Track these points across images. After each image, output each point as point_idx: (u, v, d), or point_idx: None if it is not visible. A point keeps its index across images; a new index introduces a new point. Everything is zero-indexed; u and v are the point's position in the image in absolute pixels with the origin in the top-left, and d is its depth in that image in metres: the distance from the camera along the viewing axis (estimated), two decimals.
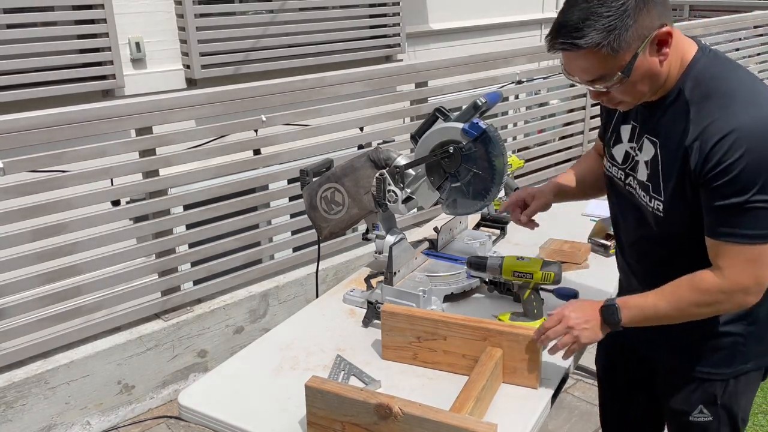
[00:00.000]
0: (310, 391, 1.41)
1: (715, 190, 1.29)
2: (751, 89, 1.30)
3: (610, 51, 1.26)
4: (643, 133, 1.46)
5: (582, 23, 1.25)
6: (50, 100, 4.00)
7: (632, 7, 1.24)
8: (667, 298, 1.41)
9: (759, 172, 1.25)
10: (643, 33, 1.27)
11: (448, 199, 1.94)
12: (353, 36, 5.61)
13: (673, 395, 1.57)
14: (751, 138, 1.24)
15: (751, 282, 1.33)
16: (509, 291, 1.93)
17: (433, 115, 1.92)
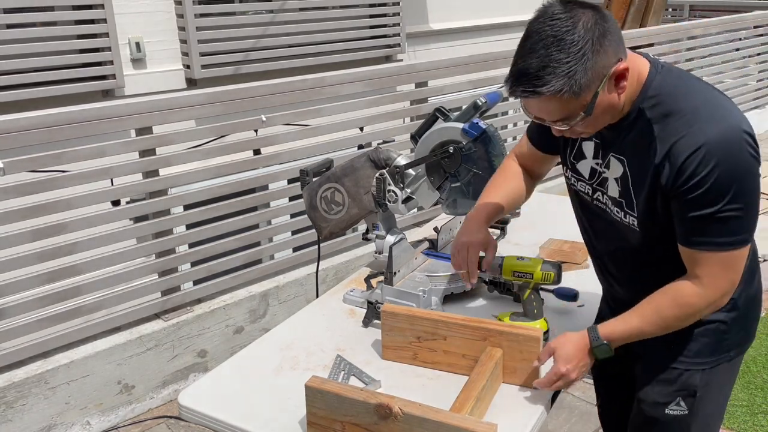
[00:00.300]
0: (310, 391, 1.41)
1: (689, 202, 1.32)
2: (710, 101, 1.34)
3: (572, 95, 1.27)
4: (609, 152, 1.47)
5: (542, 71, 1.26)
6: (50, 100, 4.01)
7: (590, 50, 1.25)
8: (651, 319, 1.44)
9: (730, 182, 1.29)
10: (601, 72, 1.28)
11: (448, 199, 1.94)
12: (353, 36, 5.61)
13: (653, 387, 1.56)
14: (719, 151, 1.28)
15: (728, 285, 1.39)
16: (509, 291, 1.93)
17: (433, 115, 1.92)
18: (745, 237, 1.35)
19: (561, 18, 1.26)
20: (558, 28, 1.25)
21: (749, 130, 1.32)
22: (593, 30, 1.25)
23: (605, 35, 1.27)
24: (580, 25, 1.25)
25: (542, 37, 1.27)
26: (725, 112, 1.33)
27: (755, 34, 6.54)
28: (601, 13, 1.29)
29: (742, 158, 1.29)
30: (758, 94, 6.85)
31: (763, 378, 3.03)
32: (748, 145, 1.30)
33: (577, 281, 1.96)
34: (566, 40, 1.24)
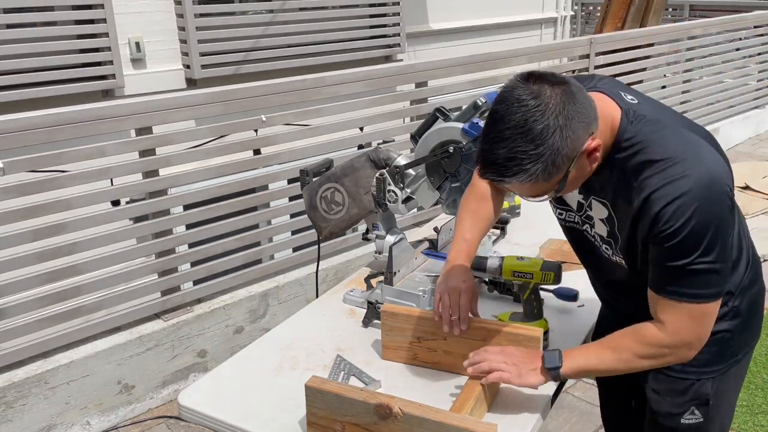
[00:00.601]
0: (310, 391, 1.41)
1: (662, 251, 1.32)
2: (684, 149, 1.30)
3: (542, 180, 1.26)
4: (590, 195, 1.46)
5: (510, 161, 1.23)
6: (50, 100, 4.01)
7: (558, 137, 1.21)
8: (612, 350, 1.42)
9: (703, 235, 1.27)
10: (572, 155, 1.25)
11: (448, 199, 1.94)
12: (353, 36, 5.61)
13: (665, 399, 1.55)
14: (694, 203, 1.26)
15: (694, 338, 1.37)
16: (509, 291, 1.93)
17: (433, 115, 1.92)
18: (715, 291, 1.33)
19: (527, 105, 1.21)
20: (524, 115, 1.21)
21: (725, 176, 1.31)
22: (561, 115, 1.21)
23: (574, 117, 1.22)
24: (548, 112, 1.20)
25: (508, 125, 1.22)
26: (700, 160, 1.29)
27: (755, 34, 6.55)
28: (569, 90, 1.23)
29: (716, 211, 1.28)
30: (758, 94, 6.85)
31: (763, 378, 3.03)
32: (724, 195, 1.29)
33: (577, 281, 1.95)
34: (533, 130, 1.20)
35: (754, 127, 6.88)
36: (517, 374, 1.45)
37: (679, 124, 1.37)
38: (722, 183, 1.29)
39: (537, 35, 7.57)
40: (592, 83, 1.44)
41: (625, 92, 1.40)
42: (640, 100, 1.39)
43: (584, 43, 4.73)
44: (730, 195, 1.31)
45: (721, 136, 6.31)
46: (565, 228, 1.63)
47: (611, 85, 1.42)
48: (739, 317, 1.49)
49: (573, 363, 1.43)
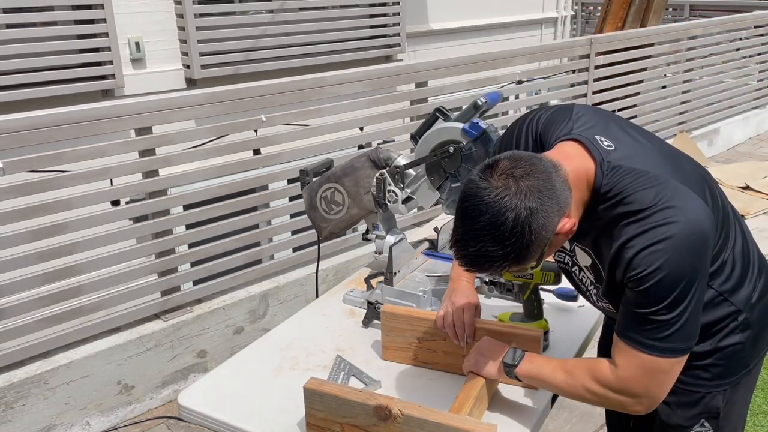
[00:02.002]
0: (309, 393, 1.41)
1: (630, 294, 1.29)
2: (661, 199, 1.27)
3: (515, 267, 1.28)
4: (574, 241, 1.45)
5: (480, 259, 1.25)
6: (50, 100, 4.00)
7: (528, 233, 1.21)
8: (566, 373, 1.41)
9: (670, 288, 1.24)
10: (545, 242, 1.25)
11: (448, 199, 1.94)
12: (353, 36, 5.61)
13: (675, 411, 1.53)
14: (665, 255, 1.23)
15: (641, 390, 1.32)
16: (509, 291, 1.93)
17: (433, 115, 1.92)
18: (674, 347, 1.29)
19: (492, 206, 1.21)
20: (492, 216, 1.21)
21: (709, 229, 1.27)
22: (528, 211, 1.20)
23: (543, 209, 1.21)
24: (518, 209, 1.20)
25: (476, 226, 1.23)
26: (680, 209, 1.26)
27: (755, 34, 6.55)
28: (537, 177, 1.22)
29: (691, 264, 1.25)
30: (758, 94, 6.85)
31: (763, 378, 3.03)
32: (703, 250, 1.26)
33: None
34: (501, 231, 1.21)
35: (754, 127, 6.88)
36: (474, 363, 1.50)
37: (663, 169, 1.33)
38: (702, 235, 1.26)
39: (537, 35, 7.57)
40: (569, 126, 1.41)
41: (601, 134, 1.37)
42: (617, 145, 1.35)
43: (584, 43, 4.73)
44: (707, 243, 1.27)
45: (721, 136, 6.32)
46: (559, 267, 1.63)
47: (589, 126, 1.39)
48: (750, 329, 1.46)
49: (529, 367, 1.45)
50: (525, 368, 1.45)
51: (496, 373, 1.48)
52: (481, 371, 1.50)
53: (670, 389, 1.34)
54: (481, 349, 1.52)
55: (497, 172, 1.23)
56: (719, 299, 1.42)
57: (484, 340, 1.54)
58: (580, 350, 1.77)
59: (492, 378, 1.49)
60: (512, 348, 1.49)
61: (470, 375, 1.51)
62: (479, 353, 1.52)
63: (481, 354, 1.51)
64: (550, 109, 1.50)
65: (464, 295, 1.66)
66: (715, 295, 1.41)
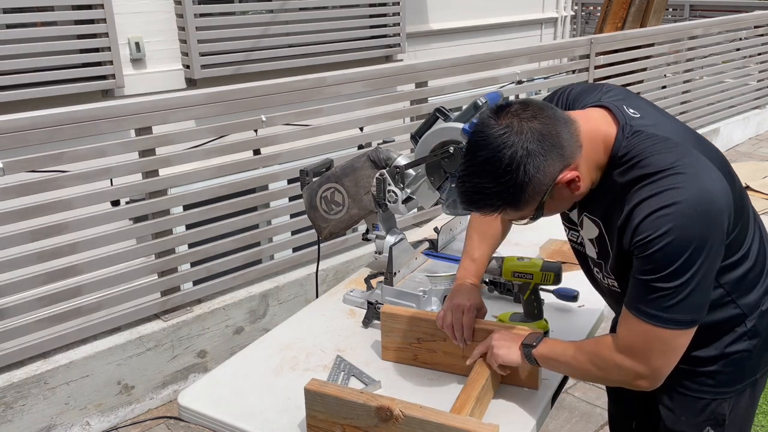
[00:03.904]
0: (310, 394, 1.41)
1: (636, 262, 1.28)
2: (681, 163, 1.26)
3: (512, 211, 1.30)
4: (582, 211, 1.44)
5: (475, 196, 1.28)
6: (50, 100, 4.00)
7: (522, 174, 1.23)
8: (575, 348, 1.42)
9: (676, 255, 1.22)
10: (542, 188, 1.26)
11: (448, 199, 1.94)
12: (353, 36, 5.61)
13: (679, 417, 1.52)
14: (675, 219, 1.21)
15: (643, 362, 1.31)
16: (509, 291, 1.93)
17: (433, 115, 1.92)
18: (678, 318, 1.26)
19: (493, 141, 1.23)
20: (490, 152, 1.24)
21: (722, 200, 1.25)
22: (527, 151, 1.22)
23: (543, 152, 1.23)
24: (513, 149, 1.22)
25: (476, 161, 1.26)
26: (696, 176, 1.24)
27: (756, 34, 6.55)
28: (541, 123, 1.24)
29: (700, 232, 1.21)
30: (758, 94, 6.85)
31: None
32: (713, 218, 1.23)
33: (577, 281, 1.95)
34: (497, 168, 1.23)
35: (754, 127, 6.88)
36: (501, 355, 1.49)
37: (686, 141, 1.32)
38: (715, 206, 1.23)
39: (537, 35, 7.57)
40: (598, 96, 1.42)
41: (629, 105, 1.37)
42: (643, 114, 1.35)
43: (584, 43, 4.73)
44: (721, 214, 1.24)
45: (721, 136, 6.32)
46: (573, 249, 1.61)
47: (617, 98, 1.40)
48: (758, 337, 1.44)
49: (544, 348, 1.45)
50: (541, 349, 1.45)
51: (518, 358, 1.48)
52: (506, 359, 1.49)
53: (674, 364, 1.32)
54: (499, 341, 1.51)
55: (506, 113, 1.26)
56: (726, 300, 1.40)
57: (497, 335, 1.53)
58: None
59: (514, 364, 1.49)
60: (532, 332, 1.50)
61: (471, 374, 1.51)
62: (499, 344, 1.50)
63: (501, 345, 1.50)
64: (581, 84, 1.51)
65: (465, 296, 1.66)
66: (722, 295, 1.39)
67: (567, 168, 1.27)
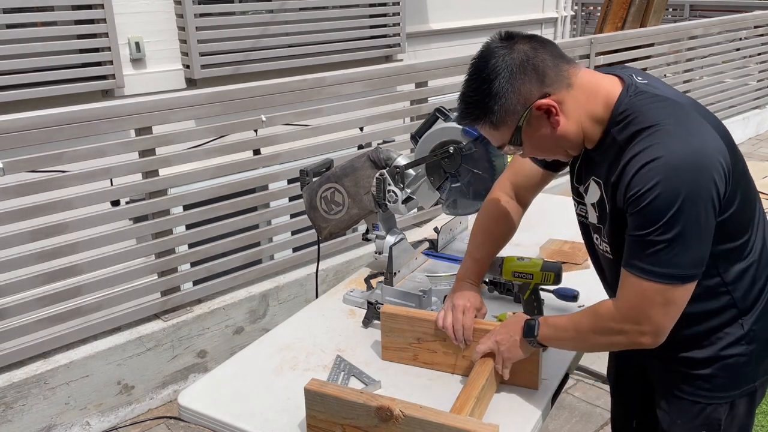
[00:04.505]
0: (310, 394, 1.41)
1: (630, 219, 1.29)
2: (679, 121, 1.27)
3: (489, 126, 1.37)
4: (590, 175, 1.45)
5: (462, 104, 1.39)
6: (50, 100, 4.00)
7: (500, 85, 1.30)
8: (575, 321, 1.43)
9: (667, 207, 1.22)
10: (516, 108, 1.32)
11: (448, 200, 1.94)
12: (353, 36, 5.60)
13: (675, 421, 1.52)
14: (665, 171, 1.22)
15: (642, 317, 1.31)
16: (509, 291, 1.93)
17: (433, 115, 1.92)
18: (673, 273, 1.26)
19: (486, 55, 1.33)
20: (480, 61, 1.34)
21: (718, 158, 1.25)
22: (510, 66, 1.30)
23: (524, 71, 1.30)
24: (499, 63, 1.31)
25: (470, 71, 1.37)
26: (689, 132, 1.25)
27: (755, 34, 6.55)
28: (534, 48, 1.31)
29: (690, 184, 1.22)
30: (758, 94, 6.85)
31: None
32: (701, 172, 1.23)
33: (577, 281, 1.95)
34: (479, 75, 1.33)
35: (754, 127, 6.88)
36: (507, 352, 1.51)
37: (689, 106, 1.33)
38: (705, 160, 1.23)
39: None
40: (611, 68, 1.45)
41: (639, 75, 1.40)
42: (651, 82, 1.38)
43: (584, 43, 4.73)
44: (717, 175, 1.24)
45: None
46: (579, 223, 1.61)
47: (631, 71, 1.42)
48: (755, 343, 1.43)
49: (546, 330, 1.46)
50: (544, 332, 1.46)
51: (525, 352, 1.49)
52: (514, 356, 1.50)
53: (675, 320, 1.32)
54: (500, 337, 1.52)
55: (512, 36, 1.35)
56: (722, 290, 1.39)
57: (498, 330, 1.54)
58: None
59: (521, 357, 1.50)
60: (525, 322, 1.50)
61: (471, 374, 1.51)
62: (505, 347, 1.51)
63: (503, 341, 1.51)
64: None
65: (465, 297, 1.66)
66: (718, 284, 1.38)
67: (545, 96, 1.31)
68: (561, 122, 1.34)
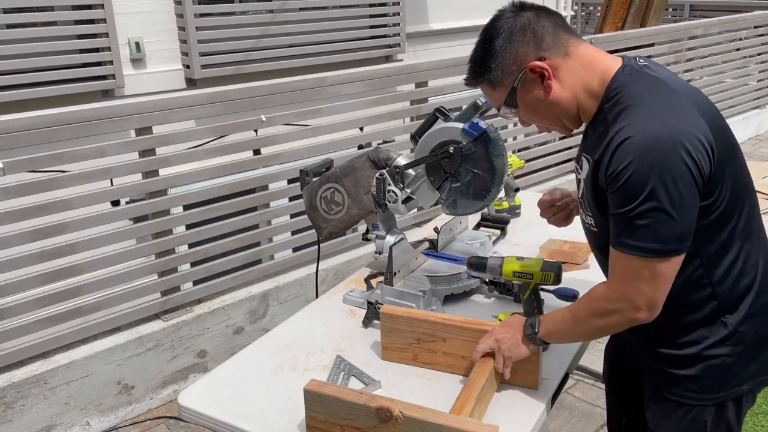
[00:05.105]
0: (309, 395, 1.41)
1: (610, 199, 1.32)
2: (664, 101, 1.30)
3: (488, 84, 1.44)
4: (582, 152, 1.48)
5: (470, 60, 1.46)
6: (50, 100, 4.00)
7: (498, 47, 1.39)
8: (572, 310, 1.45)
9: (642, 184, 1.24)
10: (512, 69, 1.39)
11: (448, 200, 1.94)
12: (353, 36, 5.60)
13: (662, 421, 1.52)
14: (641, 147, 1.24)
15: (635, 294, 1.32)
16: (509, 291, 1.93)
17: (433, 115, 1.92)
18: (655, 247, 1.28)
19: (492, 20, 1.42)
20: (486, 27, 1.42)
21: (695, 134, 1.26)
22: (513, 29, 1.38)
23: (524, 34, 1.37)
24: (501, 24, 1.39)
25: (479, 35, 1.45)
26: (669, 110, 1.28)
27: (755, 34, 6.55)
28: (538, 15, 1.38)
29: (663, 160, 1.23)
30: (758, 94, 6.85)
31: None
32: (680, 148, 1.24)
33: (577, 281, 1.95)
34: (484, 39, 1.42)
35: (754, 127, 6.87)
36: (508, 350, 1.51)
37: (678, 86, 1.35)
38: (680, 137, 1.24)
39: None
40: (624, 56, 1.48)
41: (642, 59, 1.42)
42: (650, 65, 1.40)
43: None
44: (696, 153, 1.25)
45: None
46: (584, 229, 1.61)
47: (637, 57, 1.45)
48: (742, 344, 1.42)
49: (547, 326, 1.47)
50: (544, 328, 1.47)
51: (527, 350, 1.50)
52: (517, 357, 1.51)
53: (666, 292, 1.33)
54: (501, 336, 1.52)
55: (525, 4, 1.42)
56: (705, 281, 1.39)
57: (498, 329, 1.54)
58: (579, 350, 1.77)
59: (524, 355, 1.50)
60: (526, 320, 1.51)
61: (471, 374, 1.51)
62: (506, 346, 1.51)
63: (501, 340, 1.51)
64: None
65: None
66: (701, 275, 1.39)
67: (541, 60, 1.37)
68: (554, 87, 1.39)
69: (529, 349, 1.50)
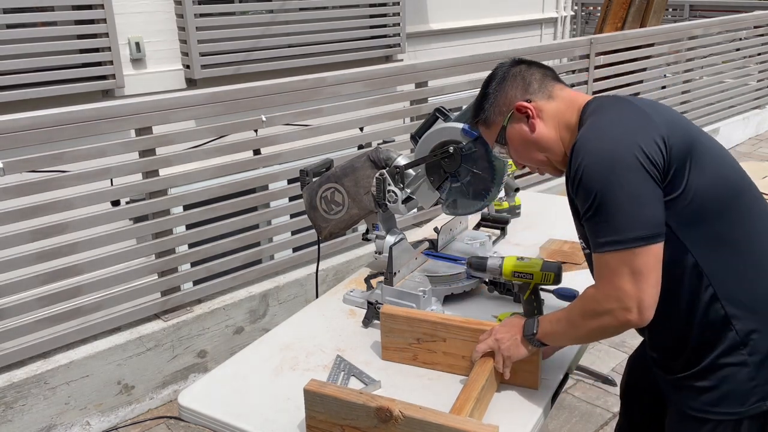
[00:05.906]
0: (309, 395, 1.41)
1: (579, 207, 1.39)
2: (611, 110, 1.41)
3: (483, 124, 1.59)
4: None
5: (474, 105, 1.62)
6: (50, 100, 4.00)
7: (492, 92, 1.55)
8: (567, 311, 1.46)
9: (593, 180, 1.32)
10: (503, 109, 1.54)
11: (448, 200, 1.94)
12: (353, 36, 5.61)
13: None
14: (585, 149, 1.34)
15: (621, 294, 1.32)
16: (509, 291, 1.93)
17: (433, 115, 1.92)
18: (620, 238, 1.30)
19: (492, 70, 1.59)
20: (487, 77, 1.59)
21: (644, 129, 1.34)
22: (504, 76, 1.54)
23: (514, 81, 1.52)
24: (497, 72, 1.56)
25: None
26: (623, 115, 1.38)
27: (755, 34, 6.55)
28: (530, 66, 1.54)
29: (610, 153, 1.31)
30: (758, 94, 6.85)
31: None
32: (626, 140, 1.32)
33: (577, 281, 1.95)
34: (483, 85, 1.59)
35: (754, 127, 6.88)
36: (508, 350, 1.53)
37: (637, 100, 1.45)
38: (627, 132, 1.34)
39: (537, 35, 7.56)
40: None
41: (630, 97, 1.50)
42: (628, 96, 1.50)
43: (584, 43, 4.73)
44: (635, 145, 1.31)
45: (721, 136, 6.32)
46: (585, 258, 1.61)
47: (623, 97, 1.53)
48: (757, 353, 1.38)
49: (545, 327, 1.49)
50: (542, 329, 1.49)
51: (526, 350, 1.51)
52: (516, 357, 1.52)
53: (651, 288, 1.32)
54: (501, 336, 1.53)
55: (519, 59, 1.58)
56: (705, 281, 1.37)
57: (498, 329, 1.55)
58: (579, 350, 1.77)
59: (523, 355, 1.51)
60: (526, 321, 1.53)
61: (471, 374, 1.51)
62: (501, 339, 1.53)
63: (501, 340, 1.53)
64: None
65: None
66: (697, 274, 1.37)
67: (526, 101, 1.50)
68: (538, 126, 1.50)
69: (528, 350, 1.51)
